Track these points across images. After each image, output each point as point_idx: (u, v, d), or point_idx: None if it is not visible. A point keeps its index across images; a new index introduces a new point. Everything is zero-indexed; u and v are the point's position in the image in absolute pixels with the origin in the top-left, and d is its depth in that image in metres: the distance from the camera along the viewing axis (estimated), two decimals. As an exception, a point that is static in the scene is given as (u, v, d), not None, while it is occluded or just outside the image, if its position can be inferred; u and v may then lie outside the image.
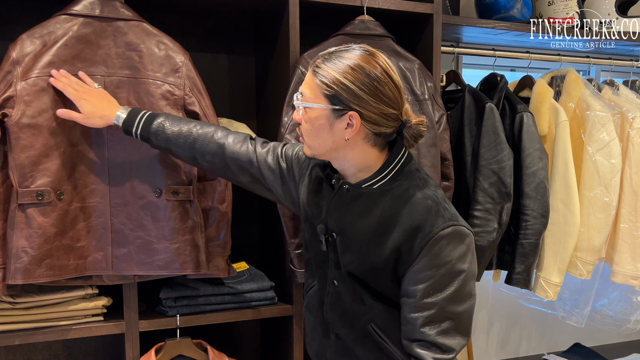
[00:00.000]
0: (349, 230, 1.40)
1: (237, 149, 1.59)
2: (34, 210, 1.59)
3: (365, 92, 1.28)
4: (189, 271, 1.73)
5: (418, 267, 1.32)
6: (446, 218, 1.32)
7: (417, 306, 1.32)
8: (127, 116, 1.60)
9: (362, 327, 1.42)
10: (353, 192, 1.39)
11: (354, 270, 1.40)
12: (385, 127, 1.32)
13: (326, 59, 1.32)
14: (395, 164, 1.38)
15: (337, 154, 1.37)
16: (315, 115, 1.33)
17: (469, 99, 2.27)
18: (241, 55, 2.25)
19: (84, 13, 1.65)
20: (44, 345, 2.05)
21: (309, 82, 1.34)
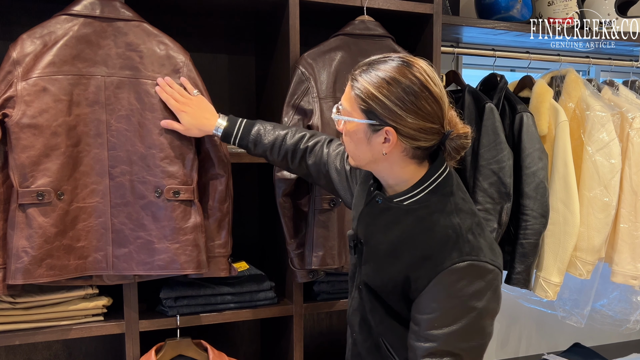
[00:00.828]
0: (371, 242, 1.39)
1: (316, 154, 1.64)
2: (34, 210, 1.59)
3: (401, 107, 1.24)
4: (189, 271, 1.73)
5: (426, 297, 1.27)
6: (464, 252, 1.25)
7: (422, 335, 1.28)
8: (228, 125, 1.67)
9: (375, 338, 1.41)
10: (383, 205, 1.37)
11: (370, 283, 1.39)
12: (424, 141, 1.27)
13: (364, 71, 1.29)
14: (430, 182, 1.32)
15: (377, 166, 1.35)
16: (353, 128, 1.31)
17: (469, 99, 2.27)
18: (241, 55, 2.26)
19: (84, 13, 1.66)
20: (44, 345, 2.05)
21: (347, 95, 1.32)
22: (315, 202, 1.86)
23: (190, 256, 1.72)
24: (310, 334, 2.46)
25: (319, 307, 2.07)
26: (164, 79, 1.68)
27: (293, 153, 1.66)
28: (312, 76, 1.88)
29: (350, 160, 1.40)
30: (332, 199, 1.87)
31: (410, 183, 1.34)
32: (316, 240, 1.86)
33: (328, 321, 2.50)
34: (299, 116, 1.88)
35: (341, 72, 1.92)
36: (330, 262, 1.87)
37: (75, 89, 1.64)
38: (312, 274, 1.95)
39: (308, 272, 1.93)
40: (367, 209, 1.42)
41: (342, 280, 2.09)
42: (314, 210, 1.87)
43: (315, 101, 1.87)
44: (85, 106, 1.66)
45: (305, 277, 1.94)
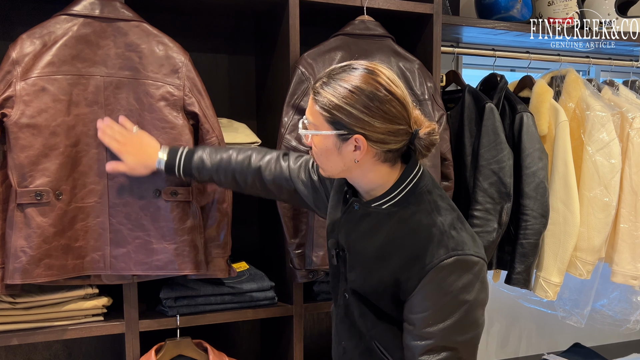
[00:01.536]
0: (355, 248, 1.39)
1: (272, 170, 1.60)
2: (32, 210, 1.59)
3: (367, 114, 1.24)
4: (187, 271, 1.73)
5: (418, 297, 1.28)
6: (449, 248, 1.27)
7: (417, 334, 1.29)
8: (168, 158, 1.63)
9: (367, 342, 1.41)
10: (362, 211, 1.37)
11: (358, 289, 1.39)
12: (394, 143, 1.28)
13: (324, 83, 1.28)
14: (406, 184, 1.34)
15: (351, 174, 1.35)
16: (322, 141, 1.31)
17: (469, 99, 2.27)
18: (241, 55, 2.25)
19: (84, 13, 1.65)
20: (44, 345, 2.05)
21: (311, 109, 1.31)
22: (315, 202, 1.86)
23: (188, 257, 1.72)
24: (310, 334, 2.46)
25: (319, 307, 2.07)
26: (102, 121, 1.65)
27: (242, 173, 1.62)
28: (312, 76, 1.88)
29: (321, 171, 1.40)
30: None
31: (386, 186, 1.35)
32: (316, 240, 1.86)
33: (328, 321, 2.50)
34: (299, 116, 1.88)
35: (341, 72, 1.92)
36: (330, 262, 1.87)
37: (74, 89, 1.64)
38: (312, 274, 1.94)
39: (308, 272, 1.93)
40: (346, 217, 1.42)
41: (342, 280, 2.09)
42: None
43: (315, 101, 1.87)
44: (85, 106, 1.66)
45: (305, 277, 1.94)
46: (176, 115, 1.71)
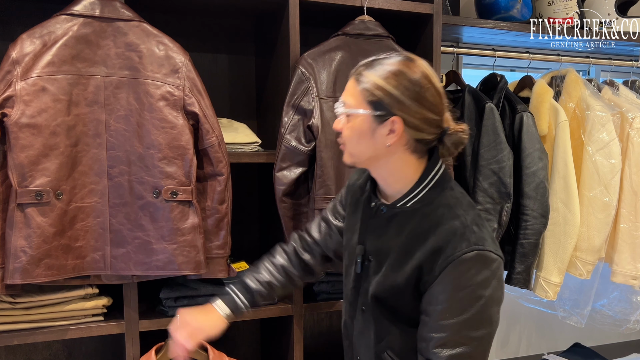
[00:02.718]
0: (382, 250, 1.39)
1: (312, 256, 1.65)
2: (32, 210, 1.59)
3: (408, 96, 1.27)
4: (187, 272, 1.73)
5: (437, 288, 1.29)
6: (471, 242, 1.28)
7: (433, 326, 1.29)
8: (227, 305, 1.55)
9: (377, 355, 1.41)
10: (389, 213, 1.39)
11: (379, 290, 1.38)
12: (426, 133, 1.31)
13: (368, 66, 1.32)
14: (430, 179, 1.36)
15: (378, 161, 1.36)
16: (358, 122, 1.32)
17: (469, 99, 2.27)
18: (241, 55, 2.26)
19: (84, 13, 1.66)
20: (44, 345, 2.05)
21: (351, 90, 1.33)
22: (315, 202, 1.86)
23: (188, 257, 1.72)
24: (310, 334, 2.46)
25: (319, 307, 2.07)
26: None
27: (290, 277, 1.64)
28: (312, 76, 1.88)
29: (346, 157, 1.39)
30: (332, 199, 1.87)
31: (409, 182, 1.36)
32: (316, 240, 1.85)
33: (328, 321, 2.50)
34: (299, 116, 1.88)
35: (341, 72, 1.92)
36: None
37: (74, 88, 1.64)
38: (312, 274, 1.94)
39: (308, 272, 1.93)
40: (373, 222, 1.42)
41: (342, 281, 2.08)
42: (314, 210, 1.87)
43: (315, 101, 1.87)
44: (85, 106, 1.66)
45: (305, 277, 1.94)
46: (176, 115, 1.71)
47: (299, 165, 1.88)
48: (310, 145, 1.87)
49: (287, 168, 1.88)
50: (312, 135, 1.87)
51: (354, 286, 1.47)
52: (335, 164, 1.89)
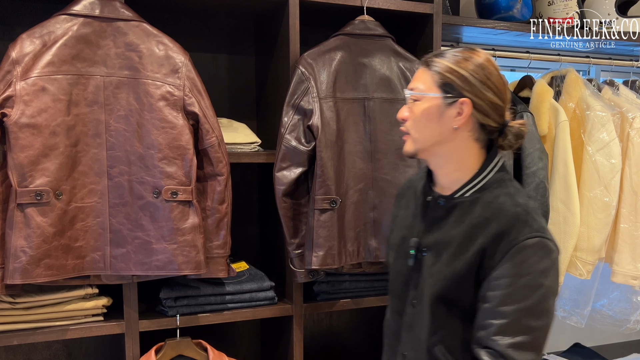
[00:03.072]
0: (441, 242, 1.40)
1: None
2: (32, 210, 1.59)
3: (477, 79, 1.33)
4: (187, 272, 1.73)
5: (498, 272, 1.30)
6: (534, 228, 1.30)
7: (493, 312, 1.30)
8: None
9: (429, 350, 1.40)
10: (448, 204, 1.41)
11: (438, 283, 1.38)
12: (491, 119, 1.35)
13: (437, 55, 1.38)
14: (490, 170, 1.39)
15: (440, 148, 1.39)
16: (426, 105, 1.37)
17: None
18: (241, 55, 2.25)
19: (83, 13, 1.66)
20: (44, 345, 2.05)
21: (421, 75, 1.39)
22: (315, 202, 1.86)
23: (188, 257, 1.72)
24: (310, 334, 2.46)
25: (319, 307, 2.07)
26: None
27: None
28: (312, 76, 1.88)
29: (408, 146, 1.42)
30: (332, 199, 1.87)
31: (469, 170, 1.39)
32: (316, 240, 1.85)
33: (328, 321, 2.50)
34: (299, 116, 1.88)
35: (341, 72, 1.92)
36: (330, 262, 1.87)
37: (74, 88, 1.64)
38: (312, 274, 1.94)
39: (308, 272, 1.93)
40: (431, 215, 1.44)
41: (342, 281, 2.09)
42: (313, 210, 1.87)
43: (315, 101, 1.87)
44: (84, 106, 1.66)
45: (305, 277, 1.94)
46: (176, 115, 1.71)
47: (298, 165, 1.88)
48: (310, 145, 1.87)
49: (287, 168, 1.88)
50: (312, 135, 1.87)
51: (404, 280, 1.48)
52: (335, 164, 1.89)
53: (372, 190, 1.96)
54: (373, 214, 1.97)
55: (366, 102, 1.95)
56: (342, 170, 1.91)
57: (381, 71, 1.97)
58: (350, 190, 1.93)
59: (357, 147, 1.94)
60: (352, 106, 1.93)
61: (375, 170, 1.96)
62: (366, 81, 1.96)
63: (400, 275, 1.49)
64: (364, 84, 1.95)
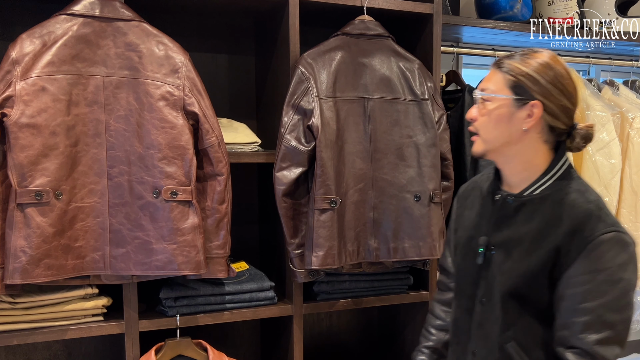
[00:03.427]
0: (511, 240, 1.41)
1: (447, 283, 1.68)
2: (32, 210, 1.59)
3: (548, 82, 1.35)
4: (187, 272, 1.73)
5: (576, 270, 1.31)
6: (608, 223, 1.31)
7: (575, 310, 1.31)
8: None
9: (501, 347, 1.41)
10: (516, 202, 1.42)
11: (509, 280, 1.39)
12: (561, 121, 1.37)
13: (510, 57, 1.40)
14: (558, 169, 1.41)
15: (509, 148, 1.41)
16: (497, 106, 1.39)
17: (469, 99, 2.27)
18: (241, 55, 2.25)
19: (83, 13, 1.66)
20: (44, 345, 2.05)
21: (493, 77, 1.41)
22: (315, 202, 1.86)
23: (188, 257, 1.72)
24: (310, 334, 2.46)
25: (319, 307, 2.07)
26: None
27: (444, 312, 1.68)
28: (312, 76, 1.88)
29: (478, 146, 1.45)
30: (332, 199, 1.87)
31: (537, 170, 1.41)
32: (316, 240, 1.85)
33: (328, 321, 2.50)
34: (299, 116, 1.88)
35: (341, 72, 1.92)
36: (330, 262, 1.87)
37: (74, 88, 1.64)
38: (312, 274, 1.94)
39: (308, 272, 1.93)
40: (500, 213, 1.45)
41: (342, 280, 2.09)
42: (313, 210, 1.86)
43: (315, 101, 1.87)
44: (84, 106, 1.66)
45: (305, 277, 1.94)
46: (176, 115, 1.71)
47: (298, 165, 1.88)
48: (310, 145, 1.87)
49: (287, 168, 1.88)
50: (312, 135, 1.87)
51: (472, 279, 1.49)
52: (335, 164, 1.89)
53: (372, 190, 1.96)
54: (373, 213, 1.97)
55: (366, 102, 1.95)
56: (342, 170, 1.91)
57: (381, 71, 1.97)
58: (350, 190, 1.93)
59: (357, 147, 1.94)
60: (352, 106, 1.93)
61: (375, 170, 1.96)
62: (366, 81, 1.96)
63: (468, 274, 1.51)
64: (363, 84, 1.95)
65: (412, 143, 1.98)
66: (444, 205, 2.08)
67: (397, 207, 1.97)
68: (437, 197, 1.99)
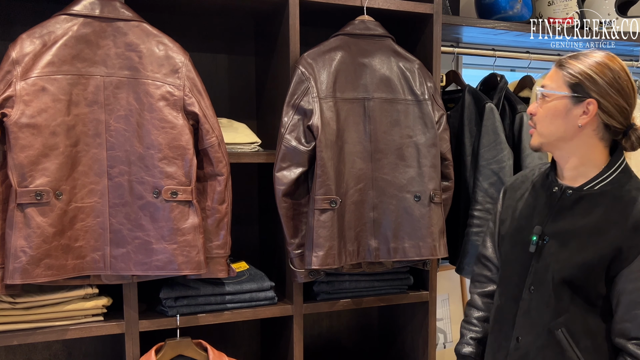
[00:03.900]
0: (567, 231, 1.48)
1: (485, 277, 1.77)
2: (32, 210, 1.59)
3: (606, 82, 1.43)
4: (187, 272, 1.73)
5: (637, 265, 1.38)
6: None
7: (637, 303, 1.38)
8: None
9: (550, 332, 1.47)
10: (575, 196, 1.50)
11: (565, 269, 1.46)
12: (616, 120, 1.45)
13: (570, 57, 1.49)
14: (618, 165, 1.48)
15: (564, 143, 1.49)
16: (555, 102, 1.48)
17: (469, 99, 2.27)
18: (241, 55, 2.26)
19: (83, 13, 1.66)
20: (44, 345, 2.05)
21: (553, 75, 1.50)
22: (315, 202, 1.86)
23: (188, 257, 1.72)
24: (310, 334, 2.46)
25: (319, 307, 2.07)
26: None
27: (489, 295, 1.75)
28: (312, 76, 1.88)
29: (535, 140, 1.53)
30: (332, 199, 1.87)
31: (595, 166, 1.49)
32: (316, 240, 1.86)
33: (328, 321, 2.50)
34: (299, 116, 1.88)
35: (341, 72, 1.92)
36: (330, 262, 1.87)
37: (74, 88, 1.64)
38: (312, 274, 1.94)
39: (308, 272, 1.93)
40: (558, 204, 1.52)
41: (342, 280, 2.09)
42: (313, 210, 1.87)
43: (315, 101, 1.87)
44: (84, 106, 1.66)
45: (305, 277, 1.94)
46: (176, 115, 1.71)
47: (299, 165, 1.88)
48: (310, 145, 1.87)
49: (287, 168, 1.88)
50: (312, 135, 1.87)
51: (521, 268, 1.55)
52: (335, 164, 1.89)
53: (372, 190, 1.96)
54: (373, 213, 1.97)
55: (366, 102, 1.95)
56: (342, 170, 1.92)
57: (381, 71, 1.97)
58: (350, 190, 1.93)
59: (357, 147, 1.94)
60: (352, 106, 1.94)
61: (375, 170, 1.96)
62: (366, 81, 1.96)
63: (516, 263, 1.57)
64: (364, 84, 1.95)
65: (412, 143, 1.98)
66: (444, 205, 2.08)
67: (397, 207, 1.97)
68: (437, 197, 1.99)
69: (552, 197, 1.54)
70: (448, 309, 2.76)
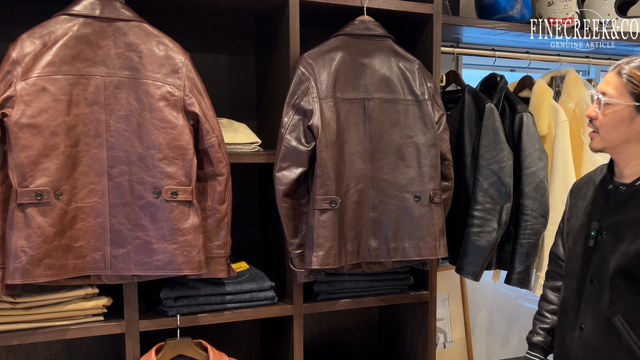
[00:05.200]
0: (623, 224, 1.55)
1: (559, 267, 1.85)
2: (33, 210, 1.59)
3: None
4: (187, 272, 1.73)
5: None
6: None
7: None
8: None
9: (607, 320, 1.55)
10: (628, 191, 1.57)
11: (621, 259, 1.53)
12: None
13: (629, 63, 1.54)
14: None
15: (626, 147, 1.56)
16: (617, 110, 1.53)
17: (469, 99, 2.27)
18: (241, 55, 2.26)
19: (84, 13, 1.66)
20: (44, 345, 2.05)
21: (614, 82, 1.55)
22: (316, 202, 1.86)
23: (188, 257, 1.72)
24: (310, 334, 2.46)
25: (319, 307, 2.07)
26: None
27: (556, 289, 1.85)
28: (312, 76, 1.88)
29: (596, 143, 1.59)
30: (332, 199, 1.87)
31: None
32: (316, 240, 1.86)
33: (328, 321, 2.50)
34: (299, 116, 1.88)
35: (341, 72, 1.93)
36: (330, 262, 1.87)
37: (74, 89, 1.64)
38: (312, 274, 1.95)
39: (308, 272, 1.93)
40: (612, 200, 1.60)
41: (342, 280, 2.09)
42: (314, 210, 1.87)
43: (315, 101, 1.87)
44: (85, 106, 1.66)
45: (305, 277, 1.94)
46: (176, 115, 1.71)
47: (299, 166, 1.88)
48: (310, 145, 1.88)
49: (287, 168, 1.88)
50: (312, 136, 1.87)
51: (583, 262, 1.63)
52: (336, 164, 1.89)
53: (372, 190, 1.96)
54: (373, 214, 1.97)
55: (366, 103, 1.95)
56: (342, 171, 1.92)
57: (381, 71, 1.97)
58: (351, 190, 1.93)
59: (357, 147, 1.94)
60: (352, 106, 1.94)
61: (375, 170, 1.96)
62: (366, 81, 1.96)
63: (579, 257, 1.65)
64: (364, 84, 1.96)
65: (412, 143, 1.98)
66: (444, 205, 2.08)
67: (397, 207, 1.97)
68: (437, 197, 1.99)
69: (608, 193, 1.62)
70: (448, 309, 2.76)
